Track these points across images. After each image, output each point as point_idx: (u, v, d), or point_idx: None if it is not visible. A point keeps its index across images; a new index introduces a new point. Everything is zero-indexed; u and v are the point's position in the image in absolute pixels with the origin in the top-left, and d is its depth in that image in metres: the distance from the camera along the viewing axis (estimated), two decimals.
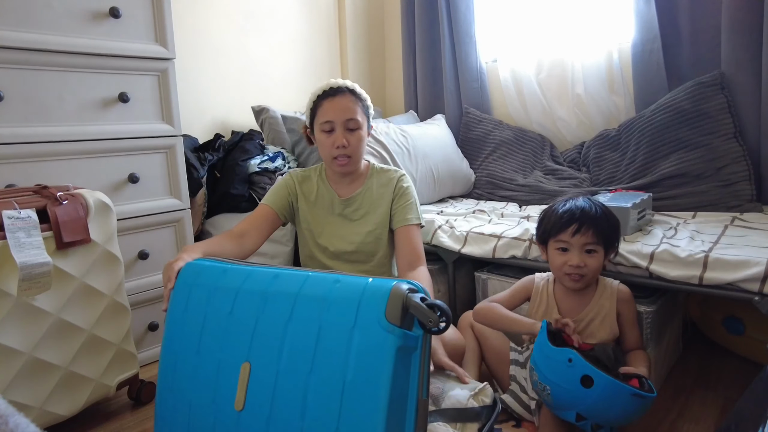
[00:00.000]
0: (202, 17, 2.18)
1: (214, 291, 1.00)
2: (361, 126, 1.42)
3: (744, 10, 1.78)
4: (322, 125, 1.41)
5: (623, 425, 1.18)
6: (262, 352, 0.92)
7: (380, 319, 0.84)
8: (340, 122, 1.39)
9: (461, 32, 2.53)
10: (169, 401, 1.01)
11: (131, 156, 1.56)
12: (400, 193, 1.49)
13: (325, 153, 1.43)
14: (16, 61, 1.33)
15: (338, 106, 1.40)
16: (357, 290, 0.89)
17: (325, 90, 1.43)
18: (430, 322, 0.84)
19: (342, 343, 0.86)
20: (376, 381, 0.82)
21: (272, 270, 1.00)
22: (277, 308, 0.93)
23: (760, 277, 1.23)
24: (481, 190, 2.43)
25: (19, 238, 1.07)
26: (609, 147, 2.15)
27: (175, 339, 1.02)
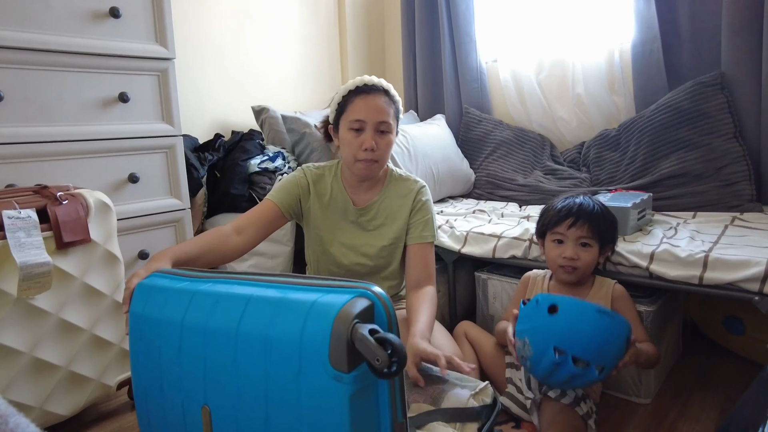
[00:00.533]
0: (202, 17, 2.18)
1: (162, 323, 0.89)
2: (391, 130, 1.33)
3: (744, 10, 1.78)
4: (351, 123, 1.31)
5: (603, 355, 1.13)
6: (218, 396, 0.83)
7: (325, 366, 0.71)
8: (372, 123, 1.30)
9: (461, 32, 2.53)
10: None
11: (131, 156, 1.56)
12: (419, 207, 1.40)
13: (350, 153, 1.33)
14: (16, 61, 1.33)
15: (372, 106, 1.30)
16: (298, 323, 0.74)
17: (359, 86, 1.32)
18: (377, 361, 0.67)
19: (291, 393, 0.75)
20: (335, 430, 0.72)
21: (217, 290, 0.87)
22: (221, 347, 0.81)
23: (760, 276, 1.23)
24: (481, 190, 2.43)
25: (19, 237, 1.07)
26: (609, 147, 2.15)
27: (140, 373, 0.93)
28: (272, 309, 0.79)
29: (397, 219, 1.43)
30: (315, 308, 0.75)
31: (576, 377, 1.13)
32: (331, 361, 0.71)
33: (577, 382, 1.15)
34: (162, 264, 1.04)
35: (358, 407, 0.73)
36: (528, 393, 1.31)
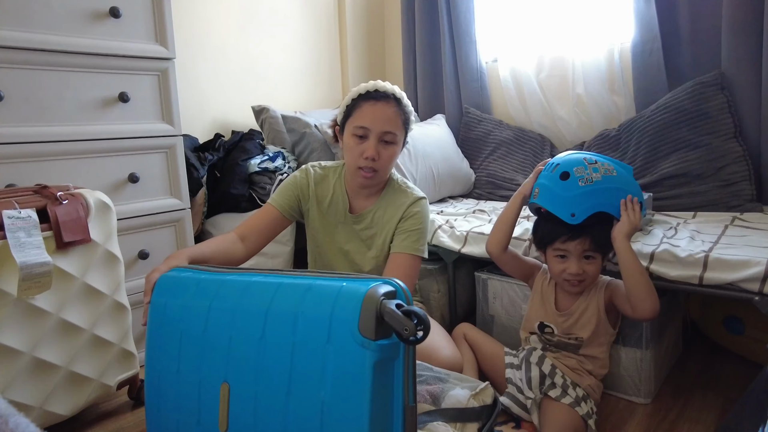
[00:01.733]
0: (202, 17, 2.18)
1: (187, 308, 0.95)
2: (396, 141, 1.29)
3: (744, 10, 1.78)
4: (355, 128, 1.27)
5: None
6: (239, 372, 0.89)
7: (354, 334, 0.79)
8: (376, 132, 1.26)
9: (461, 32, 2.53)
10: (157, 420, 0.98)
11: (131, 156, 1.56)
12: (408, 216, 1.35)
13: (351, 160, 1.30)
14: (16, 61, 1.33)
15: (379, 114, 1.26)
16: (328, 302, 0.83)
17: (370, 91, 1.28)
18: (406, 330, 0.76)
19: (317, 362, 0.81)
20: (356, 399, 0.78)
21: (245, 279, 0.94)
22: (249, 326, 0.88)
23: (761, 276, 1.23)
24: (481, 189, 2.43)
25: (19, 237, 1.07)
26: (609, 147, 2.15)
27: (155, 358, 0.99)
28: (303, 291, 0.87)
29: (387, 230, 1.39)
30: (344, 289, 0.83)
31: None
32: (360, 330, 0.78)
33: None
34: (180, 261, 1.08)
35: (379, 378, 0.79)
36: (528, 393, 1.31)
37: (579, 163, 1.33)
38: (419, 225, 1.35)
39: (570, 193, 1.30)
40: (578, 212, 1.28)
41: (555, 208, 1.31)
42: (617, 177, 1.32)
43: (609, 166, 1.33)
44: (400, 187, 1.41)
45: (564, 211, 1.29)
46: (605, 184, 1.30)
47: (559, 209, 1.30)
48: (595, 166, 1.32)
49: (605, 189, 1.30)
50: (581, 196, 1.29)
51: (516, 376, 1.37)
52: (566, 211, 1.29)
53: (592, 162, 1.33)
